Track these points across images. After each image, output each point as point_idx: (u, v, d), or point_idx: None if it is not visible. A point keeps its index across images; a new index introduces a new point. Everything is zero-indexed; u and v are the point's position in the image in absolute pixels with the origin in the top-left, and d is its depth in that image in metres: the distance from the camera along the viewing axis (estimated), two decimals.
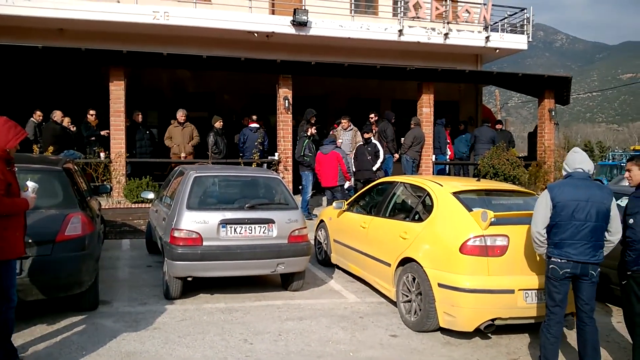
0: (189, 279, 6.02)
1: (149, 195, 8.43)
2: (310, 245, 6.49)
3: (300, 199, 10.70)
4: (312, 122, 11.08)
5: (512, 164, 11.57)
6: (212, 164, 10.42)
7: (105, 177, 10.50)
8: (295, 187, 11.67)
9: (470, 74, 13.70)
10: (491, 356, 4.76)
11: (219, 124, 11.27)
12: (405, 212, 6.21)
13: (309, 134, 10.88)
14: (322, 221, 8.14)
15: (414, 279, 5.35)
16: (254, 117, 11.75)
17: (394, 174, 11.34)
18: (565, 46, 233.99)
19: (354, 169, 11.12)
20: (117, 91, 10.70)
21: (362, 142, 11.17)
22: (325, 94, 14.90)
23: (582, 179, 4.28)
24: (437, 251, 5.21)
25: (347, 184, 10.59)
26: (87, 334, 4.90)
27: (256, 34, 13.43)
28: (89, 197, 6.72)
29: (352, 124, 11.83)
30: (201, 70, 12.98)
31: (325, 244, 7.90)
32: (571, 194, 4.18)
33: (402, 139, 12.17)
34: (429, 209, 5.61)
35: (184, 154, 11.19)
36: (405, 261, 5.55)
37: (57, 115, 10.68)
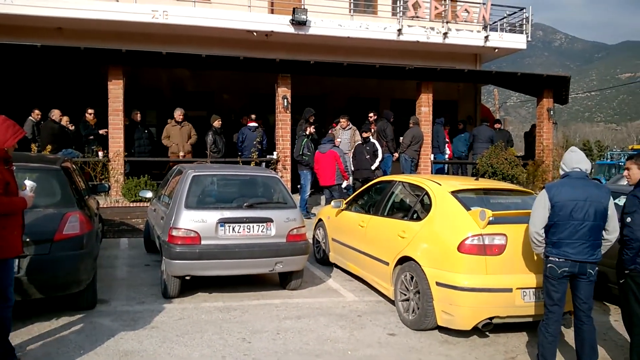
0: (187, 278, 6.02)
1: (147, 194, 8.43)
2: (308, 244, 6.49)
3: (298, 198, 10.71)
4: (311, 121, 11.09)
5: (511, 163, 11.58)
6: (211, 163, 10.42)
7: (103, 176, 10.50)
8: (293, 186, 11.67)
9: (469, 74, 13.71)
10: (489, 355, 4.76)
11: (217, 123, 11.27)
12: (403, 211, 6.22)
13: (308, 133, 10.88)
14: (320, 220, 8.14)
15: (412, 278, 5.35)
16: (253, 116, 11.76)
17: (392, 173, 11.35)
18: (564, 46, 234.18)
19: (353, 168, 11.13)
20: (116, 90, 10.69)
21: (360, 142, 11.18)
22: (324, 93, 14.90)
23: (579, 178, 4.28)
24: (435, 250, 5.22)
25: (344, 183, 10.60)
26: (85, 333, 4.90)
27: (255, 33, 13.42)
28: (87, 196, 6.71)
29: (350, 123, 11.84)
30: (200, 69, 12.97)
31: (323, 242, 7.91)
32: (569, 193, 4.19)
33: (401, 138, 12.18)
34: (427, 208, 5.62)
35: (182, 153, 11.18)
36: (403, 260, 5.56)
37: (55, 114, 10.68)
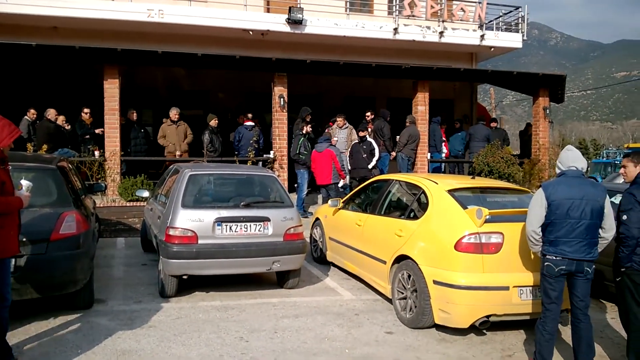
0: (185, 277, 6.02)
1: (144, 193, 8.41)
2: (305, 243, 6.49)
3: (295, 197, 10.71)
4: (308, 120, 11.08)
5: (507, 161, 11.61)
6: (207, 162, 10.41)
7: (99, 176, 10.47)
8: (290, 185, 11.67)
9: (465, 72, 13.73)
10: (486, 352, 4.78)
11: (214, 122, 11.25)
12: (400, 209, 6.23)
13: (305, 132, 10.88)
14: (317, 219, 8.15)
15: (409, 276, 5.36)
16: (249, 115, 11.75)
17: (389, 172, 11.36)
18: (559, 45, 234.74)
19: (349, 167, 11.13)
20: (112, 89, 10.66)
21: (357, 141, 11.18)
22: (320, 92, 14.89)
23: (575, 177, 4.30)
24: (432, 248, 5.23)
25: (341, 182, 10.60)
26: (82, 333, 4.89)
27: (251, 32, 13.40)
28: (83, 196, 6.70)
29: (347, 122, 11.84)
30: (196, 68, 12.95)
31: (320, 241, 7.91)
32: (565, 192, 4.20)
33: (398, 137, 12.19)
34: (424, 207, 5.63)
35: (179, 152, 11.16)
36: (400, 258, 5.57)
37: (51, 113, 10.64)
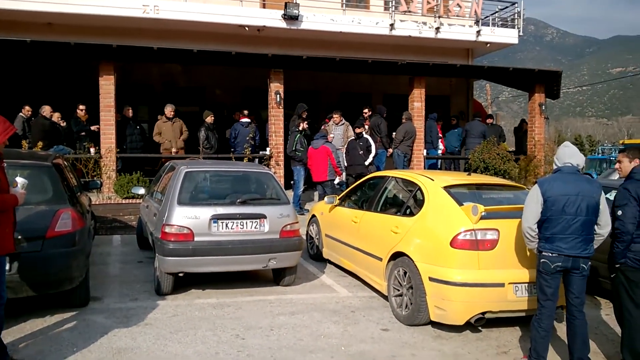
0: (181, 275, 6.01)
1: (140, 190, 8.38)
2: (302, 240, 6.49)
3: (292, 194, 10.70)
4: (304, 116, 11.06)
5: (503, 158, 11.64)
6: (203, 159, 10.38)
7: (95, 173, 10.44)
8: (287, 182, 11.66)
9: (461, 68, 13.73)
10: (481, 349, 4.79)
11: (210, 119, 11.22)
12: (396, 206, 6.23)
13: (301, 128, 10.86)
14: (313, 216, 8.15)
15: (405, 273, 5.37)
16: (246, 112, 11.71)
17: (385, 169, 11.36)
18: (555, 40, 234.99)
19: (346, 164, 11.13)
20: (107, 86, 10.62)
21: (353, 137, 11.17)
22: (316, 89, 14.87)
23: (571, 173, 4.31)
24: (428, 245, 5.24)
25: (337, 179, 10.60)
26: (77, 331, 4.88)
27: (247, 28, 13.37)
28: (79, 193, 6.67)
29: (343, 119, 11.83)
30: (192, 64, 12.90)
31: (317, 238, 7.91)
32: (561, 188, 4.21)
33: (394, 133, 12.19)
34: (420, 204, 5.64)
35: (175, 149, 11.14)
36: (396, 255, 5.58)
37: (46, 110, 10.59)
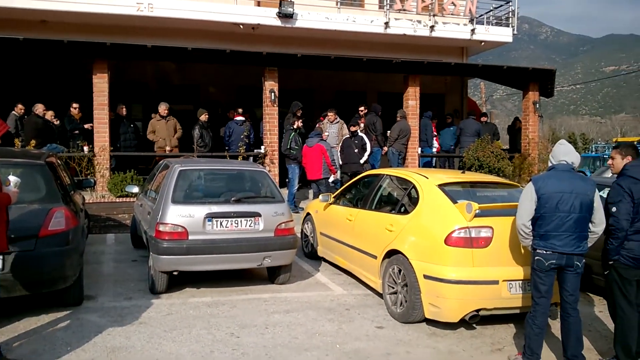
0: (175, 273, 5.99)
1: (134, 189, 8.35)
2: (296, 238, 6.49)
3: (286, 192, 10.69)
4: (298, 115, 11.06)
5: (497, 156, 11.65)
6: (198, 157, 10.36)
7: (89, 171, 10.39)
8: (281, 180, 11.65)
9: (456, 67, 13.75)
10: (476, 346, 4.81)
11: (204, 117, 11.19)
12: (391, 204, 6.24)
13: (295, 127, 10.85)
14: (308, 214, 8.14)
15: (399, 271, 5.38)
16: (240, 110, 11.69)
17: (380, 167, 11.37)
18: (549, 39, 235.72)
19: (341, 162, 11.13)
20: (101, 84, 10.56)
21: (348, 135, 11.17)
22: (311, 87, 14.85)
23: (565, 170, 4.32)
24: (422, 243, 5.25)
25: (332, 177, 10.59)
26: (71, 330, 4.86)
27: (241, 26, 13.33)
28: (72, 192, 6.64)
29: (338, 117, 11.83)
30: (186, 62, 12.86)
31: (311, 236, 7.91)
32: (555, 185, 4.22)
33: (389, 131, 12.20)
34: (414, 201, 5.64)
35: (169, 148, 11.10)
36: (391, 253, 5.59)
37: (38, 108, 10.52)
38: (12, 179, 4.14)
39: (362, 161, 10.87)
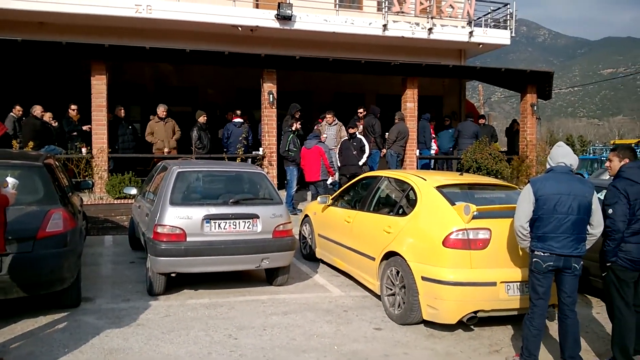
0: (173, 275, 5.99)
1: (132, 191, 8.34)
2: (294, 240, 6.49)
3: (285, 194, 10.69)
4: (297, 117, 11.06)
5: (495, 158, 11.68)
6: (196, 159, 10.35)
7: (87, 173, 10.37)
8: (280, 182, 11.65)
9: (454, 69, 13.76)
10: (474, 348, 4.81)
11: (202, 119, 11.19)
12: (389, 206, 6.24)
13: (294, 128, 10.85)
14: (306, 216, 8.14)
15: (397, 273, 5.38)
16: (238, 112, 11.69)
17: (378, 169, 11.38)
18: (547, 41, 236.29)
19: (339, 164, 11.13)
20: (99, 85, 10.56)
21: (346, 137, 11.18)
22: (309, 89, 14.87)
23: (563, 172, 4.33)
24: (420, 245, 5.25)
25: (330, 179, 10.60)
26: (69, 331, 4.85)
27: (240, 28, 13.34)
28: (70, 193, 6.63)
29: (336, 119, 11.84)
30: (184, 64, 12.84)
31: (309, 238, 7.91)
32: (553, 187, 4.23)
33: (387, 133, 12.21)
34: (412, 203, 5.65)
35: (167, 149, 11.10)
36: (389, 255, 5.59)
37: (37, 110, 10.51)
38: (10, 180, 4.14)
39: (361, 163, 10.87)
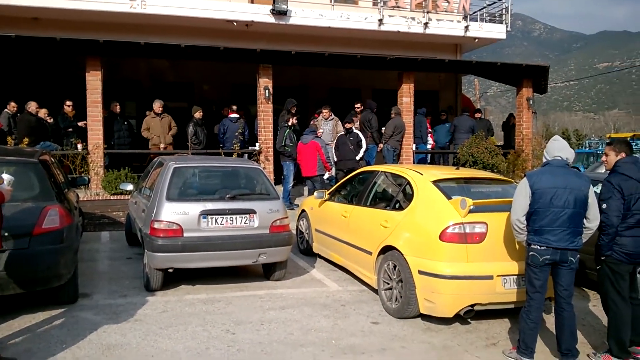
0: (170, 271, 5.99)
1: (128, 186, 8.34)
2: (291, 235, 6.50)
3: (281, 189, 10.69)
4: (293, 112, 11.04)
5: (491, 152, 11.69)
6: (192, 154, 10.34)
7: (83, 169, 10.34)
8: (276, 177, 11.65)
9: (449, 64, 13.76)
10: (471, 341, 4.83)
11: (198, 115, 11.17)
12: (386, 200, 6.25)
13: (290, 124, 10.84)
14: (303, 211, 8.15)
15: (394, 267, 5.39)
16: (234, 107, 11.68)
17: (375, 163, 11.38)
18: (543, 36, 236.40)
19: (336, 159, 11.13)
20: (94, 81, 10.51)
21: (343, 132, 11.17)
22: (305, 84, 14.84)
23: (560, 166, 4.34)
24: (417, 239, 5.26)
25: (326, 174, 10.60)
26: (66, 327, 4.85)
27: (235, 23, 13.28)
28: (66, 189, 6.62)
29: (332, 114, 11.83)
30: (180, 59, 12.81)
31: (307, 233, 7.92)
32: (549, 181, 4.25)
33: (383, 128, 12.21)
34: (409, 198, 5.66)
35: (163, 145, 11.08)
36: (386, 249, 5.60)
37: (31, 106, 10.47)
38: (6, 177, 4.12)
39: (358, 158, 10.87)
